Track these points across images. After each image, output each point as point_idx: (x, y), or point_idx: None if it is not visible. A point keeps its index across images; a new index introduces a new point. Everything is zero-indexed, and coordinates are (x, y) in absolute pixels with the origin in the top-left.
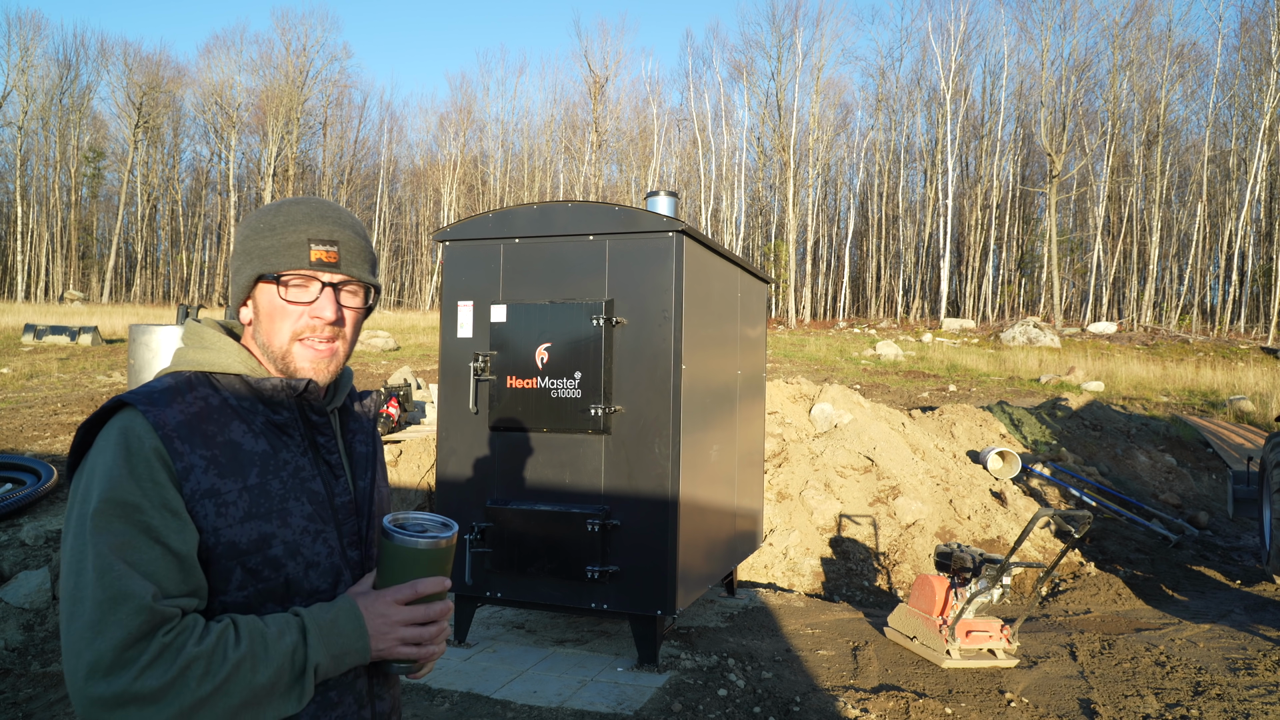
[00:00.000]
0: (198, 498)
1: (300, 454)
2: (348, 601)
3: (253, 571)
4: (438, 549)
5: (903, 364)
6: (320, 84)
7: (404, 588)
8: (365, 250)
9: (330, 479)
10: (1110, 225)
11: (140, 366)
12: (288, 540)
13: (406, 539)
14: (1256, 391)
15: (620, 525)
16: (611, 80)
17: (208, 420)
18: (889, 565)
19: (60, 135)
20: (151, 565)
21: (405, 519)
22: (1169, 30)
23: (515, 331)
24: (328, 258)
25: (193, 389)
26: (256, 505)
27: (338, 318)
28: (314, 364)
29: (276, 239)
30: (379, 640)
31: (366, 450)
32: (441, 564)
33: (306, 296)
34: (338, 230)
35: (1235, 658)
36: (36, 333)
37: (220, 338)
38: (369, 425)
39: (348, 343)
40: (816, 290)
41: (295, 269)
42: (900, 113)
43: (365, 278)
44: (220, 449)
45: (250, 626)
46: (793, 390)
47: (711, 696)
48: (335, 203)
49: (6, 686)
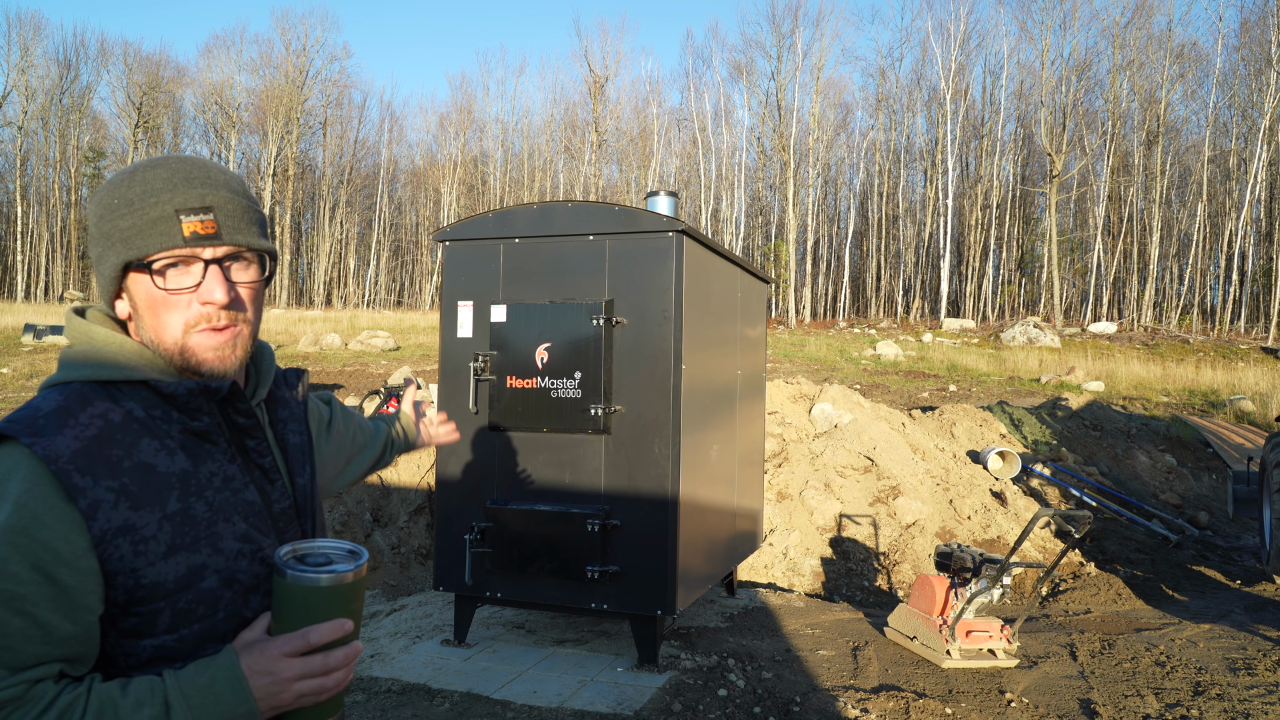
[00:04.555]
0: (109, 537)
1: (228, 461)
2: (229, 658)
3: (184, 612)
4: (340, 585)
5: (903, 364)
6: (320, 84)
7: (294, 637)
8: (248, 211)
9: (265, 485)
10: (1110, 225)
11: None
12: (220, 569)
13: (302, 575)
14: (1256, 391)
15: (620, 525)
16: (611, 80)
17: (109, 443)
18: (889, 565)
19: (60, 135)
20: (4, 639)
21: (307, 550)
22: (1169, 30)
23: (515, 331)
24: (204, 229)
25: (87, 405)
26: (180, 535)
27: (231, 299)
28: (218, 353)
29: (137, 216)
30: (266, 701)
31: (301, 440)
32: (345, 603)
33: (189, 280)
34: (210, 193)
35: (1235, 658)
36: (36, 333)
37: (114, 336)
38: (299, 410)
39: (250, 323)
40: (816, 290)
41: (167, 249)
42: (900, 113)
43: (254, 243)
44: (130, 476)
45: (101, 699)
46: (793, 390)
47: (711, 696)
48: (202, 158)
49: None
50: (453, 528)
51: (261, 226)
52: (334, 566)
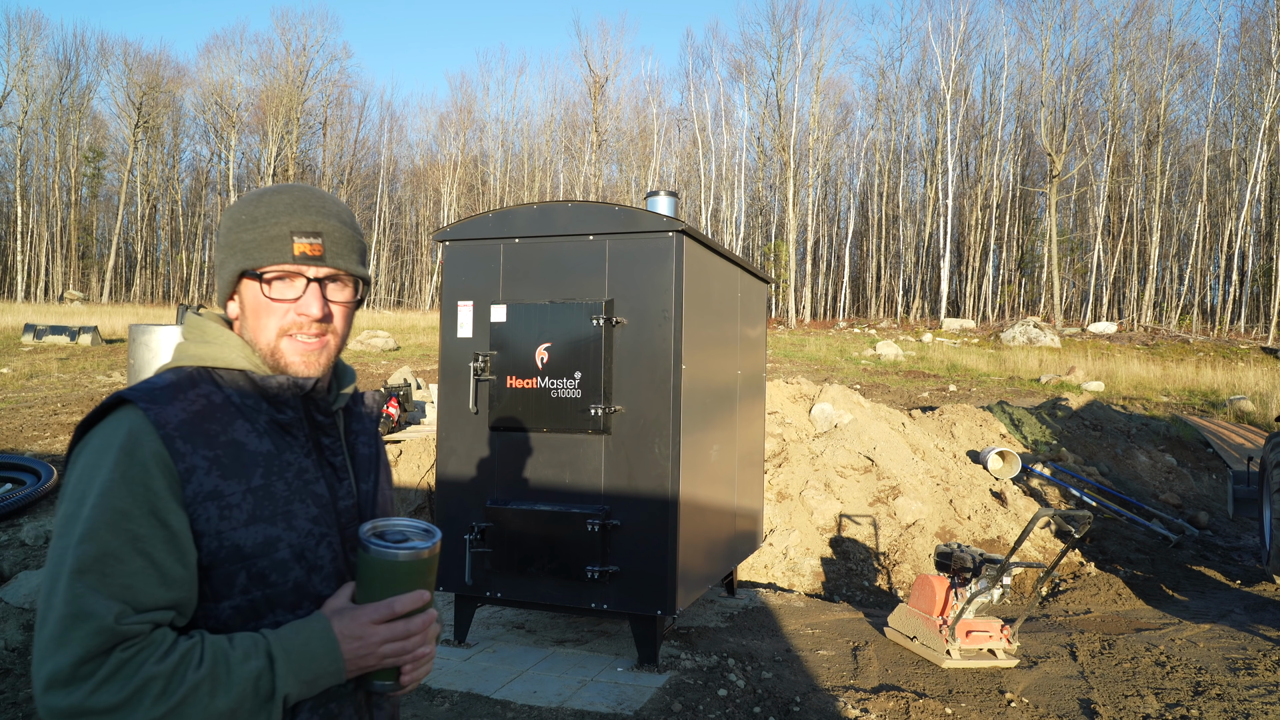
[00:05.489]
0: (200, 500)
1: (304, 455)
2: (321, 622)
3: (259, 576)
4: (418, 560)
5: (903, 364)
6: (320, 84)
7: (380, 606)
8: (352, 240)
9: (334, 481)
10: (1110, 225)
11: (140, 366)
12: (293, 544)
13: (384, 550)
14: (1256, 391)
15: (620, 525)
16: (611, 80)
17: (210, 419)
18: (889, 565)
19: (60, 135)
20: (128, 578)
21: (385, 527)
22: (1169, 30)
23: (515, 331)
24: (311, 250)
25: (195, 385)
26: (261, 508)
27: (324, 314)
28: (304, 358)
29: (259, 232)
30: (355, 662)
31: (369, 452)
32: (423, 576)
33: (291, 293)
34: (322, 221)
35: (1235, 658)
36: (36, 333)
37: (223, 332)
38: (371, 426)
39: (338, 336)
40: (816, 290)
41: (278, 264)
42: (900, 113)
43: (353, 269)
44: (223, 449)
45: (215, 647)
46: (793, 390)
47: (711, 696)
48: (321, 190)
49: (6, 686)
50: (453, 528)
51: (362, 255)
52: (412, 543)
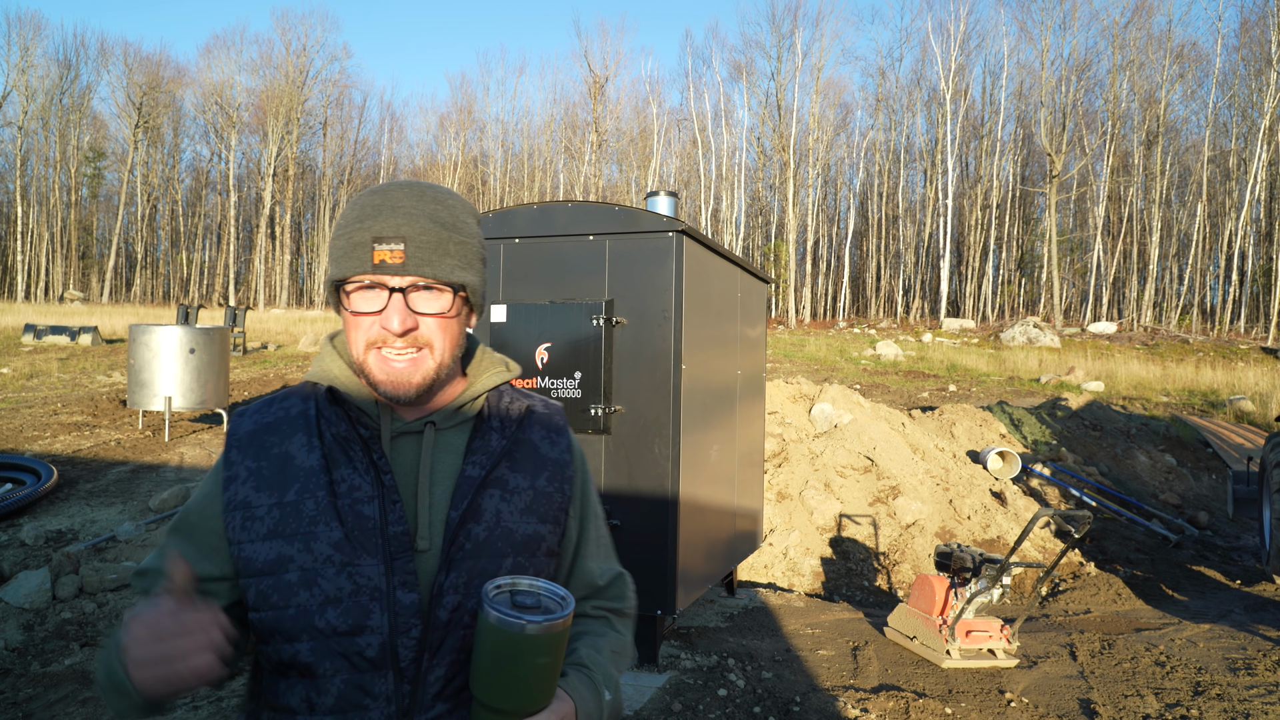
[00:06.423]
0: (231, 509)
1: (362, 472)
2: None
3: (262, 595)
4: (552, 634)
5: (903, 364)
6: (320, 84)
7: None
8: (445, 243)
9: (388, 504)
10: (1110, 225)
11: (140, 366)
12: (306, 567)
13: (509, 620)
14: (1256, 391)
15: (620, 525)
16: (611, 80)
17: (274, 430)
18: (889, 565)
19: (60, 135)
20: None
21: (516, 585)
22: (1169, 30)
23: (515, 331)
24: (392, 258)
25: (287, 398)
26: (284, 524)
27: (407, 329)
28: (389, 376)
29: (345, 238)
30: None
31: (477, 474)
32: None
33: (373, 305)
34: (406, 224)
35: (1235, 658)
36: (36, 333)
37: (328, 346)
38: (496, 445)
39: (438, 349)
40: (816, 290)
41: (358, 274)
42: (900, 113)
43: (445, 276)
44: (270, 461)
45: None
46: (793, 390)
47: (711, 696)
48: (426, 185)
49: (6, 686)
50: None
51: (462, 259)
52: (544, 614)
